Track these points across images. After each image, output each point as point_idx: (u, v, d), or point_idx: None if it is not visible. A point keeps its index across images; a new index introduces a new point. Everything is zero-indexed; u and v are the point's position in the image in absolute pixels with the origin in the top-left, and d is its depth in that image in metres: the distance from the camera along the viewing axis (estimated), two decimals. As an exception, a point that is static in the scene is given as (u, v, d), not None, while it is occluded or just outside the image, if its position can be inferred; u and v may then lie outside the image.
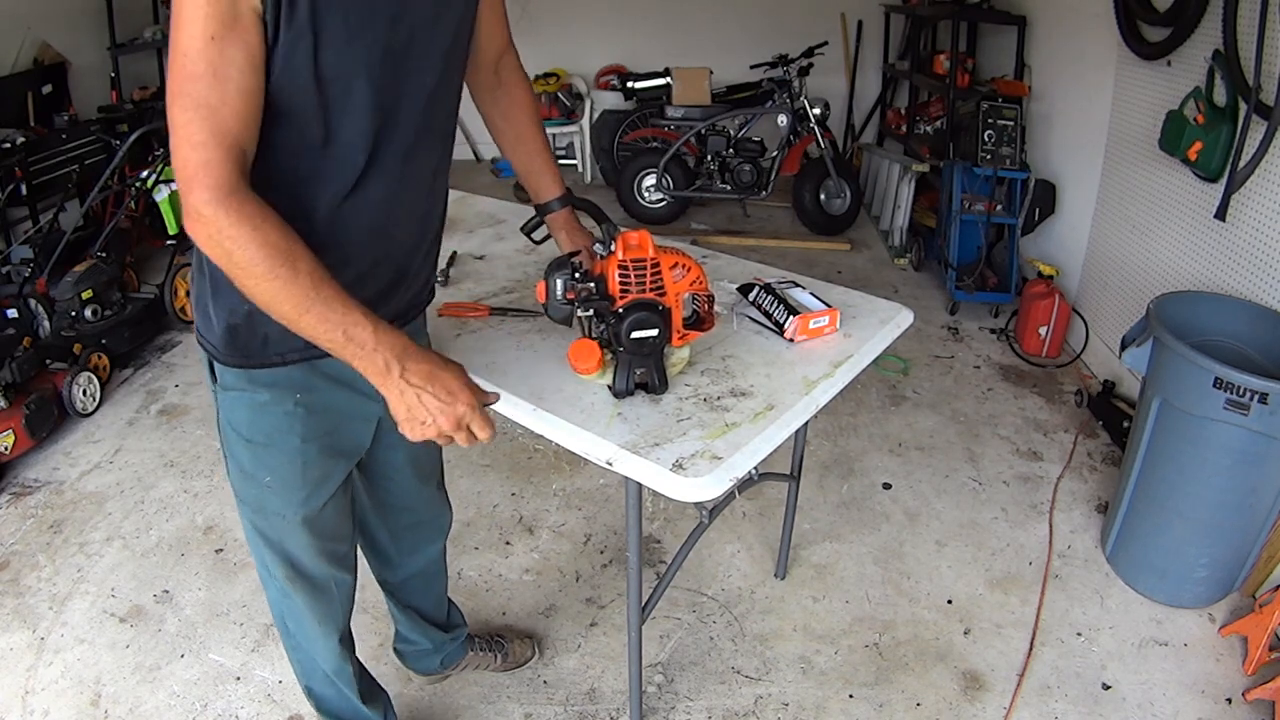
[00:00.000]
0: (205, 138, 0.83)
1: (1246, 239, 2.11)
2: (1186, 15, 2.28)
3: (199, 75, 0.82)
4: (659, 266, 1.14)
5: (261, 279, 0.86)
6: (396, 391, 0.94)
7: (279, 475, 1.16)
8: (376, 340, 0.91)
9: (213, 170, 0.83)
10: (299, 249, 0.88)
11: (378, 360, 0.92)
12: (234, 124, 0.84)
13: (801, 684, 1.77)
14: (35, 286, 2.82)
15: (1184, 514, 1.86)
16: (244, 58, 0.84)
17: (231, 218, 0.84)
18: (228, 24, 0.82)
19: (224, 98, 0.83)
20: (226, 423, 1.13)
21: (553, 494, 2.38)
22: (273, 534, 1.23)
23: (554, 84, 5.21)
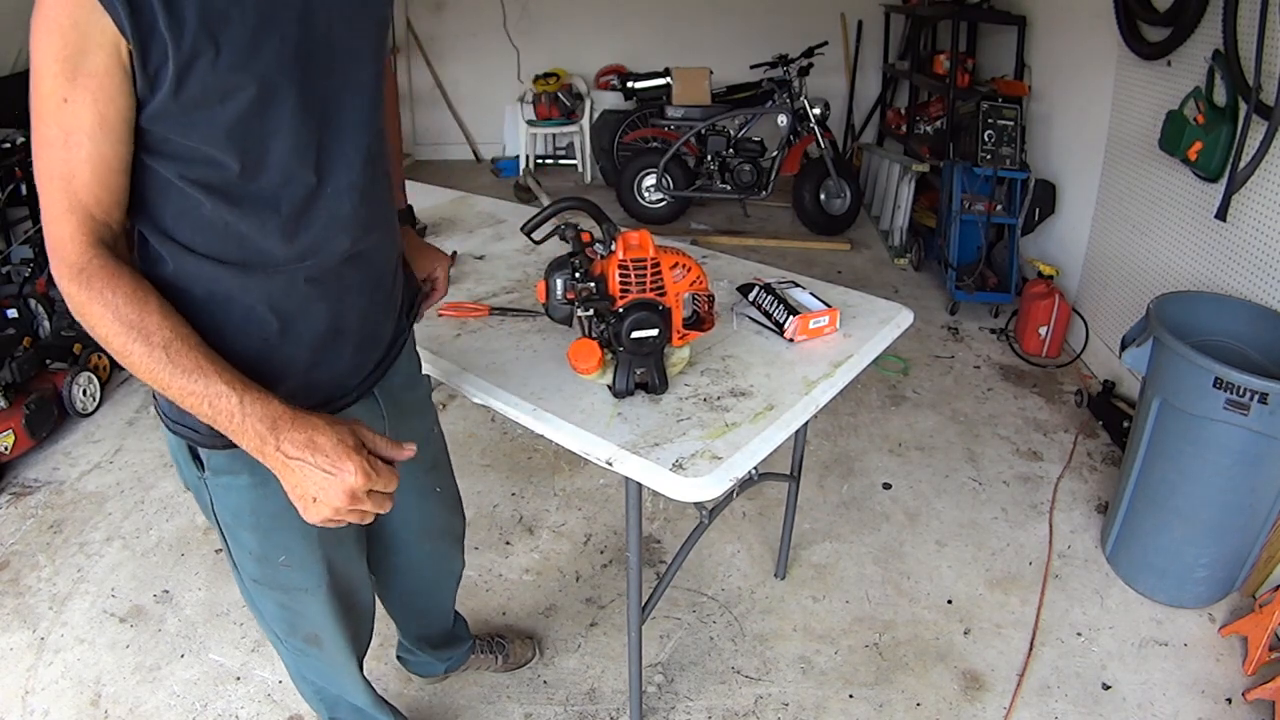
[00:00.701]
0: (59, 212, 0.78)
1: (1246, 239, 2.11)
2: (1186, 15, 2.28)
3: (50, 141, 0.76)
4: (659, 266, 1.14)
5: (120, 354, 0.81)
6: (278, 466, 0.84)
7: (294, 554, 1.07)
8: (243, 412, 0.82)
9: (65, 246, 0.78)
10: (151, 318, 0.80)
11: (249, 433, 0.82)
12: (86, 196, 0.78)
13: (801, 684, 1.77)
14: (35, 286, 2.81)
15: (1184, 514, 1.86)
16: (95, 120, 0.75)
17: (83, 294, 0.79)
18: (77, 80, 0.74)
19: (75, 167, 0.77)
20: (223, 510, 1.03)
21: (553, 494, 2.38)
22: (300, 608, 1.15)
23: (554, 84, 5.21)
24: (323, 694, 1.36)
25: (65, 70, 0.73)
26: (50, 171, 0.77)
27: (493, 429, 2.66)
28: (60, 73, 0.73)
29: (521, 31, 5.53)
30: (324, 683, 1.33)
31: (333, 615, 1.17)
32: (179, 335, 0.82)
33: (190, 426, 0.95)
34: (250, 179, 0.84)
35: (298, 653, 1.24)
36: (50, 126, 0.76)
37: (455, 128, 5.91)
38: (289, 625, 1.18)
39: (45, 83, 0.74)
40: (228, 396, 0.82)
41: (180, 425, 0.96)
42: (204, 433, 0.93)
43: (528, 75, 5.44)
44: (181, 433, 0.97)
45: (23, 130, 3.64)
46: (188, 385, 0.82)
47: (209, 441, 0.95)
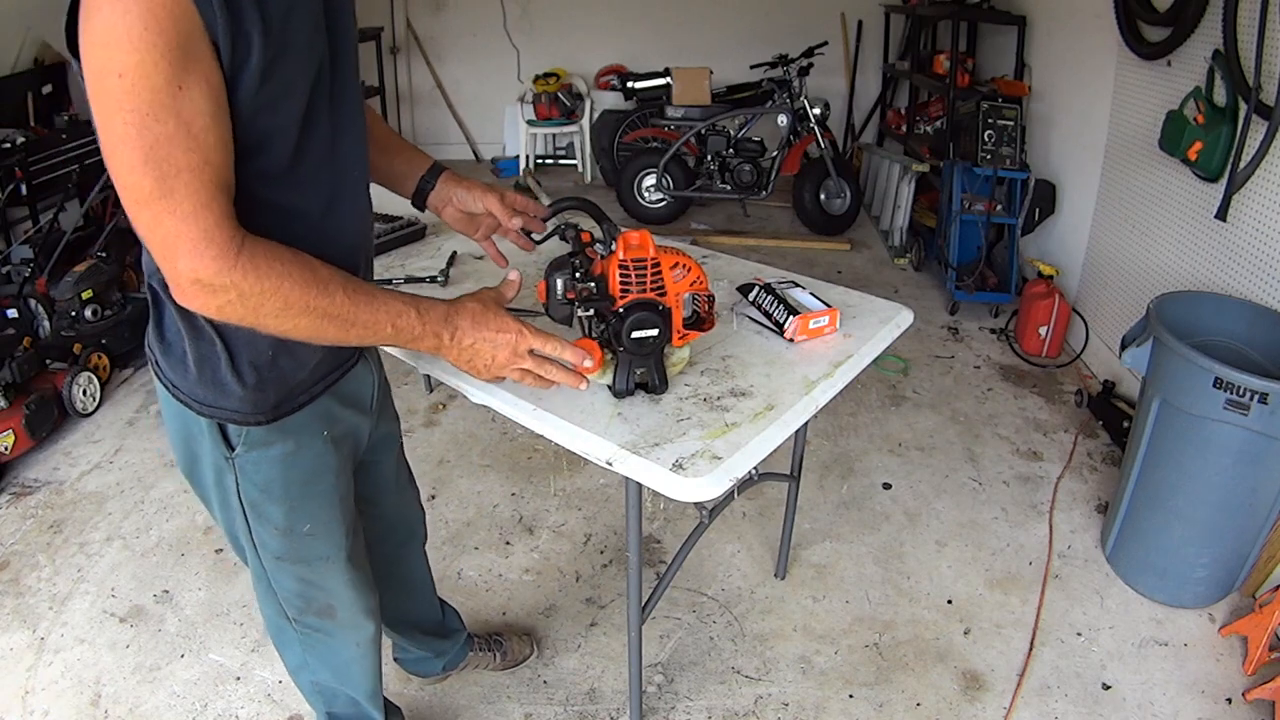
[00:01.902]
0: (195, 206, 0.74)
1: (1246, 239, 2.11)
2: (1186, 15, 2.28)
3: (170, 136, 0.72)
4: (660, 266, 1.14)
5: (299, 315, 0.83)
6: (455, 354, 0.97)
7: (318, 520, 1.11)
8: (422, 320, 0.93)
9: (216, 238, 0.76)
10: (319, 269, 0.84)
11: (429, 337, 0.94)
12: (224, 179, 0.77)
13: (801, 684, 1.77)
14: (35, 286, 2.81)
15: (1184, 514, 1.86)
16: (213, 104, 0.74)
17: (250, 275, 0.78)
18: (190, 68, 0.71)
19: (208, 154, 0.74)
20: (251, 486, 1.04)
21: (553, 494, 2.38)
22: (318, 579, 1.17)
23: (554, 84, 5.21)
24: (322, 688, 1.36)
25: (175, 58, 0.70)
26: (175, 166, 0.73)
27: (493, 429, 2.66)
28: (171, 61, 0.70)
29: (521, 31, 5.53)
30: (329, 671, 1.33)
31: (350, 583, 1.21)
32: (342, 275, 0.86)
33: (226, 407, 0.96)
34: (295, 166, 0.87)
35: (308, 635, 1.25)
36: (165, 121, 0.71)
37: (455, 128, 5.91)
38: (304, 601, 1.20)
39: (156, 76, 0.70)
40: (405, 313, 0.91)
41: (213, 407, 0.97)
42: (244, 410, 0.96)
43: (528, 75, 5.44)
44: (215, 414, 0.97)
45: (23, 130, 3.65)
46: (372, 316, 0.88)
47: (247, 418, 0.97)
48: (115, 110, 0.70)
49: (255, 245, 0.79)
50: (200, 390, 0.96)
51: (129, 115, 0.70)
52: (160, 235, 0.75)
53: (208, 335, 0.92)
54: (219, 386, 0.95)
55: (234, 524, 1.09)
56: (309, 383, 1.02)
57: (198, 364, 0.94)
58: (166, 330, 0.96)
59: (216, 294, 0.78)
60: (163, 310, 0.95)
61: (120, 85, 0.69)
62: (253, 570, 1.17)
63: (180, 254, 0.75)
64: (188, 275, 0.77)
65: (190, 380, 0.96)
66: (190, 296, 0.79)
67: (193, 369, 0.95)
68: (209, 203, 0.75)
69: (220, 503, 1.08)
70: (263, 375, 0.95)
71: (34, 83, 3.93)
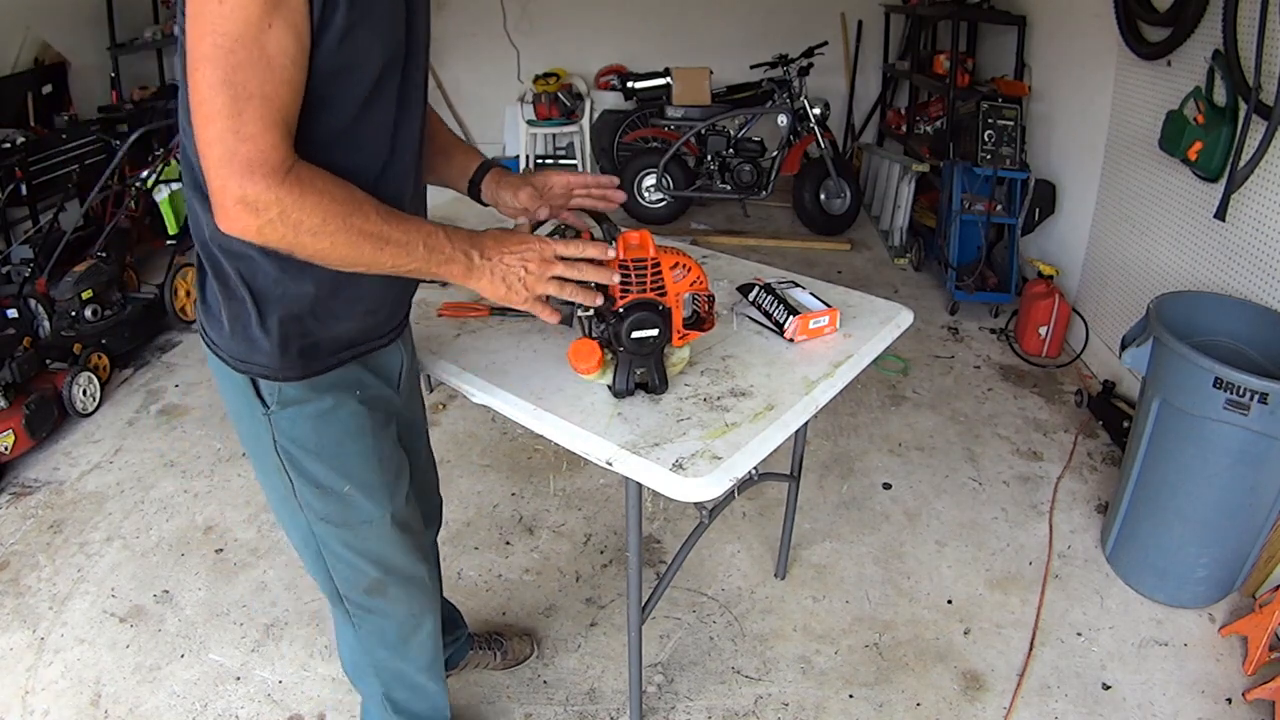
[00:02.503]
0: (259, 129, 0.80)
1: (1246, 239, 2.11)
2: (1186, 15, 2.28)
3: (250, 63, 0.78)
4: (660, 266, 1.14)
5: (337, 234, 0.86)
6: (487, 276, 1.00)
7: (359, 479, 1.13)
8: (451, 242, 0.96)
9: (269, 157, 0.81)
10: (355, 191, 0.88)
11: (459, 259, 0.97)
12: (288, 114, 0.83)
13: (801, 684, 1.77)
14: (35, 286, 2.81)
15: (1184, 514, 1.86)
16: (296, 47, 0.80)
17: (295, 192, 0.83)
18: (281, 11, 0.78)
19: (277, 87, 0.80)
20: (289, 442, 1.07)
21: (553, 494, 2.38)
22: (364, 545, 1.18)
23: (554, 84, 5.20)
24: (380, 669, 1.35)
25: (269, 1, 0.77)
26: (247, 90, 0.78)
27: (493, 429, 2.66)
28: (265, 3, 0.76)
29: (521, 31, 5.52)
30: (385, 649, 1.33)
31: (399, 547, 1.22)
32: (377, 202, 0.90)
33: (257, 363, 1.01)
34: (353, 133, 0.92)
35: (362, 616, 1.26)
36: (250, 48, 0.77)
37: (455, 128, 5.91)
38: (354, 571, 1.21)
39: (250, 7, 0.76)
40: (436, 234, 0.95)
41: (246, 362, 1.01)
42: (276, 366, 1.00)
43: (528, 75, 5.43)
44: (248, 369, 1.01)
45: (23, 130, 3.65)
46: (405, 237, 0.92)
47: (279, 373, 1.01)
48: (208, 32, 0.77)
49: (302, 167, 0.84)
50: (234, 346, 1.01)
51: (219, 38, 0.77)
52: (219, 151, 0.80)
53: (239, 294, 0.97)
54: (250, 342, 0.99)
55: (277, 486, 1.12)
56: (337, 346, 1.05)
57: (230, 321, 0.99)
58: (207, 291, 1.02)
59: (259, 213, 0.82)
60: (205, 275, 1.00)
61: (218, 10, 0.76)
62: (302, 539, 1.19)
63: (233, 170, 0.80)
64: (235, 193, 0.81)
65: (225, 336, 1.01)
66: (234, 217, 0.83)
67: (226, 326, 1.00)
68: (270, 129, 0.81)
69: (260, 462, 1.12)
70: (288, 331, 0.99)
71: (34, 83, 3.93)
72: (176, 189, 3.66)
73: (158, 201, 3.66)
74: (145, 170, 3.51)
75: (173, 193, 3.66)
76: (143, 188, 3.51)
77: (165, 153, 3.47)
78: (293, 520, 1.16)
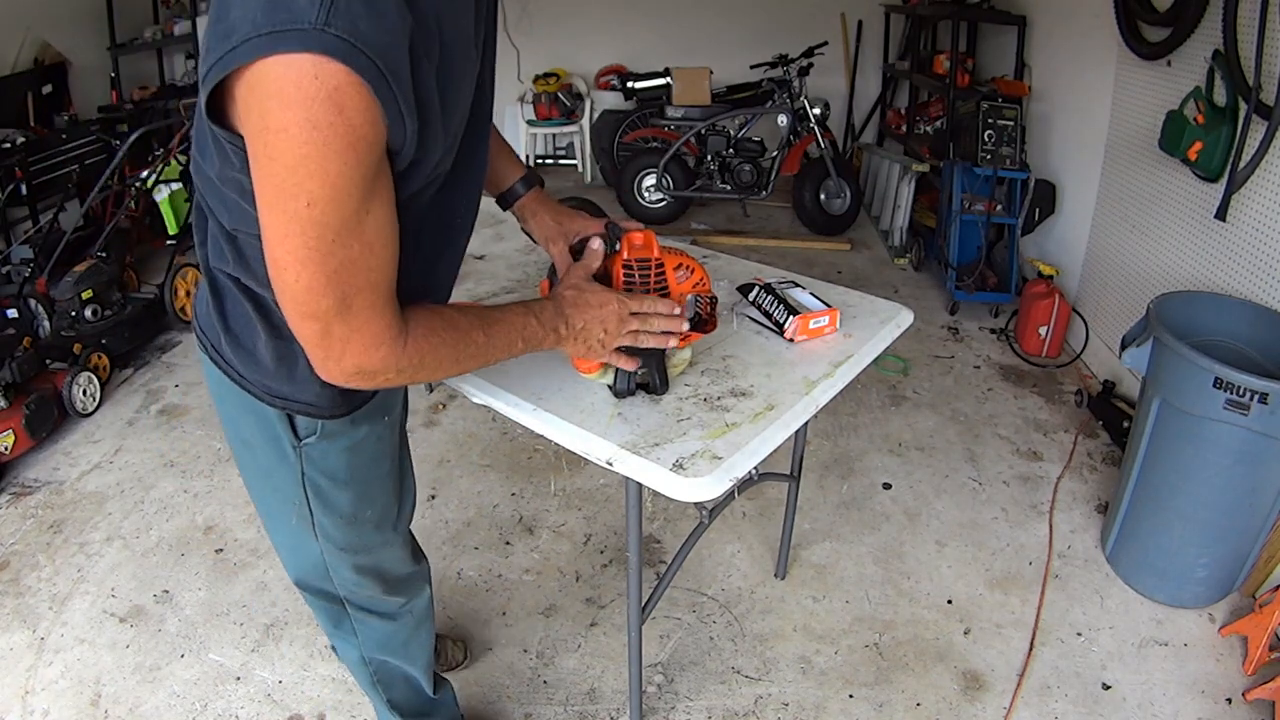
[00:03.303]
0: (370, 315, 0.76)
1: (1246, 239, 2.11)
2: (1186, 15, 2.28)
3: (353, 261, 0.72)
4: (664, 267, 1.14)
5: (450, 369, 0.89)
6: (570, 344, 1.03)
7: (378, 504, 1.13)
8: (543, 326, 0.98)
9: (385, 338, 0.78)
10: (459, 319, 0.89)
11: (549, 338, 1.00)
12: (392, 279, 0.78)
13: (801, 684, 1.77)
14: (35, 286, 2.82)
15: (1184, 514, 1.86)
16: (389, 213, 0.74)
17: (414, 359, 0.82)
18: (375, 188, 0.71)
19: (381, 267, 0.75)
20: (318, 475, 1.05)
21: (553, 494, 2.38)
22: (375, 564, 1.19)
23: (554, 84, 5.21)
24: (382, 674, 1.35)
25: (366, 185, 0.69)
26: (355, 286, 0.73)
27: (493, 429, 2.66)
28: (364, 189, 0.69)
29: (521, 31, 5.52)
30: (388, 653, 1.33)
31: (404, 559, 1.25)
32: (475, 314, 0.92)
33: (301, 400, 0.98)
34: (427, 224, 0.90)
35: (364, 620, 1.26)
36: (351, 245, 0.71)
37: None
38: (359, 589, 1.21)
39: (346, 205, 0.69)
40: (529, 323, 0.97)
41: (286, 400, 0.98)
42: (322, 405, 0.99)
43: (528, 75, 5.43)
44: (286, 406, 0.98)
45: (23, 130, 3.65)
46: (505, 341, 0.94)
47: (325, 412, 0.99)
48: (299, 233, 0.69)
49: (415, 330, 0.82)
50: (274, 384, 0.97)
51: (315, 241, 0.70)
52: (329, 341, 0.76)
53: (286, 332, 0.90)
54: (297, 383, 0.96)
55: (288, 516, 1.09)
56: None
57: (275, 360, 0.95)
58: (232, 320, 0.95)
59: (375, 377, 0.81)
60: (229, 299, 0.94)
61: (309, 213, 0.68)
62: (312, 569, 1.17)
63: (348, 354, 0.78)
64: (350, 368, 0.79)
65: (263, 372, 0.96)
66: (343, 381, 0.81)
67: (268, 363, 0.95)
68: (383, 308, 0.77)
69: (273, 495, 1.09)
70: None
71: (34, 83, 3.94)
72: (177, 189, 3.67)
73: (158, 201, 3.67)
74: (145, 170, 3.51)
75: (173, 193, 3.66)
76: (143, 188, 3.51)
77: (165, 153, 3.47)
78: (303, 550, 1.14)
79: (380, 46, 0.65)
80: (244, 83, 0.65)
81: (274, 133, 0.65)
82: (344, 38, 0.63)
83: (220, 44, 0.65)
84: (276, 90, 0.64)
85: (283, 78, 0.63)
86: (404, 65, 0.68)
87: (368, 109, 0.66)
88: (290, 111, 0.64)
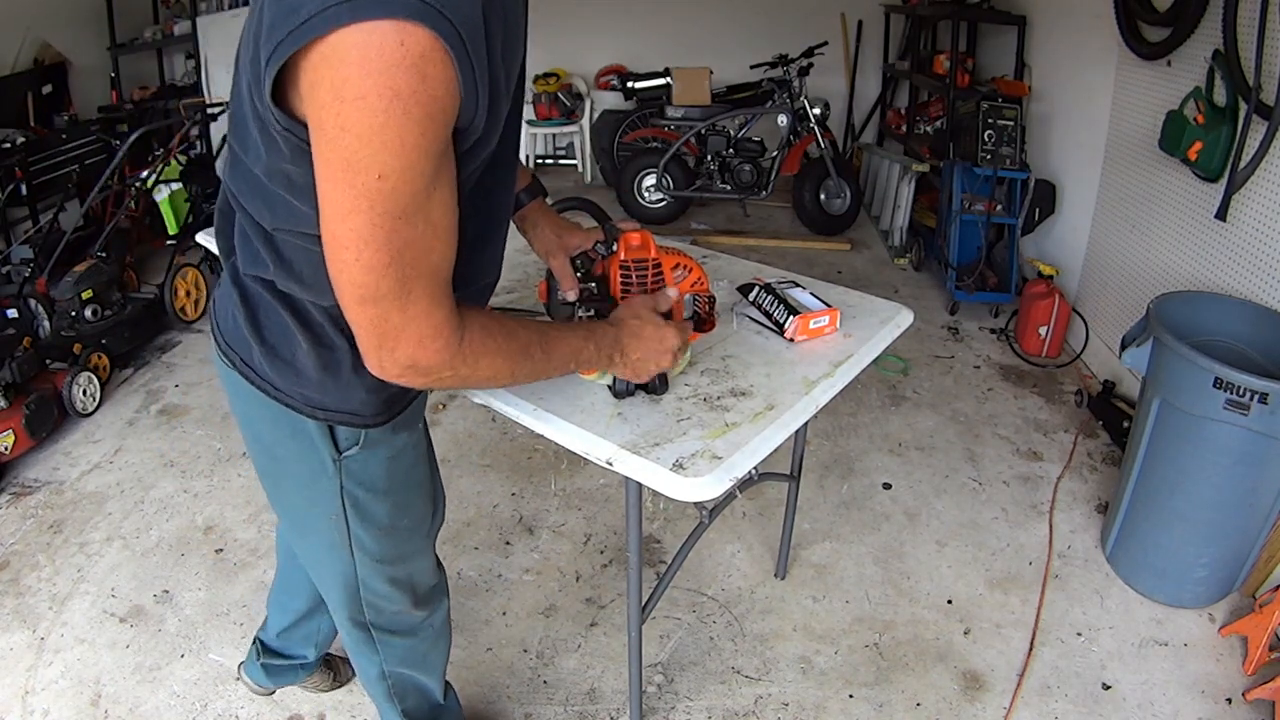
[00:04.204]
0: (429, 304, 0.73)
1: (1246, 239, 2.11)
2: (1186, 15, 2.28)
3: (417, 240, 0.69)
4: (661, 267, 1.14)
5: (504, 380, 0.87)
6: (620, 369, 1.04)
7: (413, 512, 1.12)
8: (599, 351, 0.99)
9: (443, 331, 0.75)
10: (519, 332, 0.87)
11: (603, 360, 1.01)
12: (448, 269, 0.75)
13: (801, 684, 1.77)
14: (35, 286, 2.81)
15: (1184, 514, 1.86)
16: (451, 195, 0.72)
17: (470, 361, 0.79)
18: (443, 168, 0.69)
19: (443, 251, 0.73)
20: (357, 486, 1.03)
21: (553, 494, 2.38)
22: (407, 576, 1.17)
23: (554, 84, 5.21)
24: (398, 686, 1.33)
25: (436, 161, 0.67)
26: (418, 269, 0.71)
27: (493, 429, 2.66)
28: (435, 164, 0.67)
29: (521, 31, 5.52)
30: (406, 667, 1.31)
31: (431, 570, 1.24)
32: (535, 329, 0.90)
33: (345, 410, 0.96)
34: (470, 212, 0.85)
35: (386, 638, 1.25)
36: (417, 224, 0.68)
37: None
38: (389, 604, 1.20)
39: (417, 180, 0.66)
40: (584, 348, 0.97)
41: (330, 410, 0.96)
42: (365, 413, 0.97)
43: (528, 75, 5.43)
44: (329, 417, 0.96)
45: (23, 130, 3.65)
46: (561, 360, 0.93)
47: (368, 420, 0.98)
48: (366, 209, 0.66)
49: (472, 330, 0.80)
50: (316, 394, 0.94)
51: (381, 218, 0.67)
52: (384, 329, 0.73)
53: (332, 340, 0.90)
54: (343, 389, 0.93)
55: (325, 531, 1.07)
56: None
57: (319, 369, 0.92)
58: (267, 332, 0.92)
59: (429, 375, 0.78)
60: (263, 309, 0.91)
61: (379, 186, 0.65)
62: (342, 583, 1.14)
63: (402, 345, 0.74)
64: (405, 362, 0.76)
65: (304, 383, 0.93)
66: (395, 376, 0.78)
67: (310, 373, 0.92)
68: (442, 299, 0.75)
69: (308, 510, 1.06)
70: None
71: (34, 83, 3.94)
72: (177, 189, 3.67)
73: (158, 201, 3.66)
74: (145, 170, 3.51)
75: (173, 193, 3.66)
76: (143, 188, 3.51)
77: (165, 153, 3.48)
78: (333, 563, 1.12)
79: (464, 14, 0.63)
80: (315, 55, 0.62)
81: (349, 102, 0.62)
82: (429, 3, 0.60)
83: (287, 19, 0.62)
84: (359, 58, 0.61)
85: (365, 44, 0.60)
86: (481, 36, 0.65)
87: (449, 79, 0.64)
88: (371, 79, 0.61)
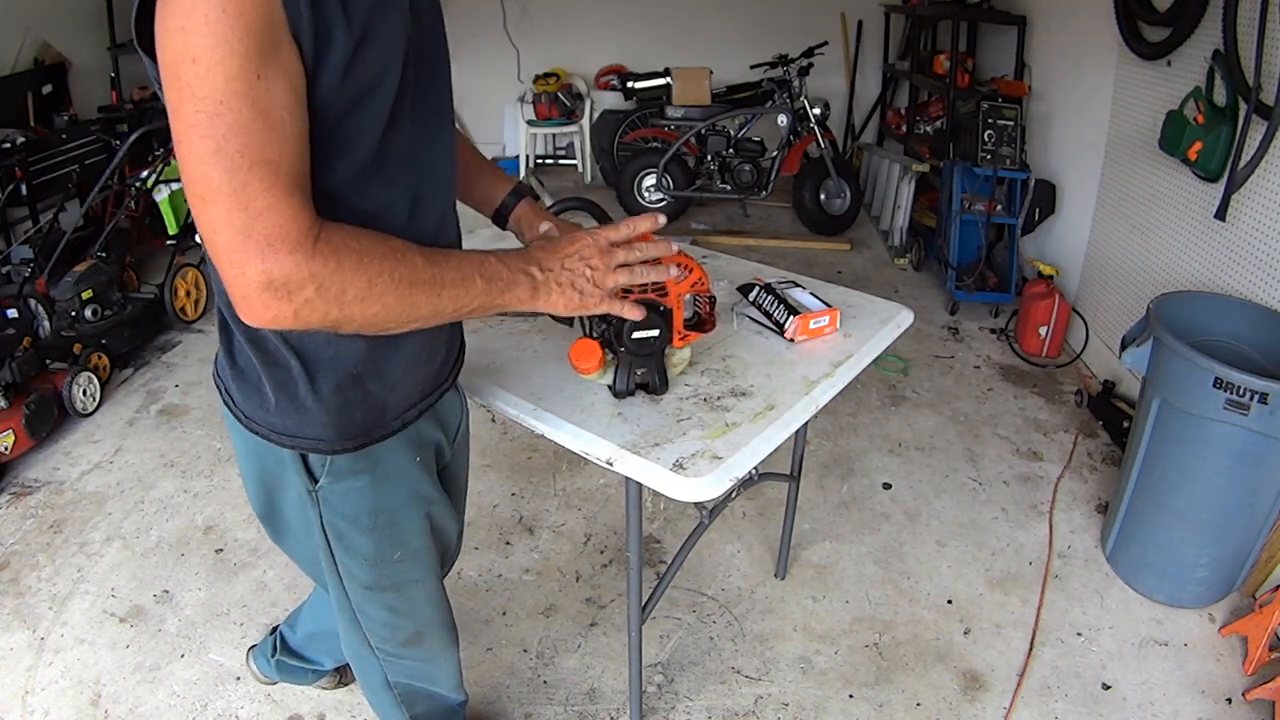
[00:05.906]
0: (270, 201, 0.68)
1: (1246, 239, 2.11)
2: (1186, 15, 2.28)
3: (242, 125, 0.66)
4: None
5: (387, 293, 0.76)
6: (555, 289, 0.90)
7: (409, 547, 1.07)
8: (508, 266, 0.87)
9: (290, 229, 0.70)
10: (393, 239, 0.78)
11: (521, 280, 0.88)
12: (299, 171, 0.72)
13: (801, 684, 1.77)
14: (35, 286, 2.81)
15: (1184, 514, 1.86)
16: (292, 95, 0.70)
17: (330, 261, 0.72)
18: (269, 57, 0.67)
19: (280, 146, 0.69)
20: (338, 518, 0.99)
21: (553, 494, 2.38)
22: (407, 605, 1.14)
23: (554, 84, 5.21)
24: (405, 694, 1.31)
25: (256, 46, 0.66)
26: (248, 159, 0.67)
27: (493, 429, 2.66)
28: (251, 49, 0.65)
29: (521, 32, 5.52)
30: (413, 679, 1.29)
31: (438, 601, 1.20)
32: (414, 243, 0.80)
33: (308, 435, 0.92)
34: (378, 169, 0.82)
35: (392, 661, 1.22)
36: (239, 108, 0.66)
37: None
38: (391, 630, 1.17)
39: (231, 61, 0.65)
40: (488, 261, 0.86)
41: (294, 437, 0.92)
42: (331, 437, 0.92)
43: (528, 75, 5.43)
44: (296, 444, 0.93)
45: (23, 130, 3.65)
46: (459, 274, 0.82)
47: (336, 446, 0.93)
48: (187, 97, 0.66)
49: (330, 230, 0.74)
50: (279, 420, 0.91)
51: (201, 102, 0.66)
52: (228, 235, 0.68)
53: (282, 358, 0.88)
54: (301, 413, 0.90)
55: (316, 556, 1.06)
56: (401, 407, 0.97)
57: (275, 391, 0.89)
58: (238, 357, 0.91)
59: (293, 294, 0.71)
60: (233, 337, 0.90)
61: (194, 70, 0.65)
62: (336, 600, 1.13)
63: (250, 254, 0.69)
64: (258, 278, 0.69)
65: (269, 410, 0.91)
66: (261, 306, 0.71)
67: (271, 397, 0.90)
68: (285, 197, 0.69)
69: (303, 536, 1.05)
70: (348, 397, 0.90)
71: (34, 83, 3.93)
72: (177, 189, 3.66)
73: (158, 201, 3.66)
74: (145, 170, 3.51)
75: (173, 193, 3.66)
76: (143, 188, 3.51)
77: (165, 153, 3.47)
78: (332, 587, 1.11)
79: None
80: None
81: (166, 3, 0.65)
82: None
83: None
84: None
85: None
86: None
87: None
88: None
